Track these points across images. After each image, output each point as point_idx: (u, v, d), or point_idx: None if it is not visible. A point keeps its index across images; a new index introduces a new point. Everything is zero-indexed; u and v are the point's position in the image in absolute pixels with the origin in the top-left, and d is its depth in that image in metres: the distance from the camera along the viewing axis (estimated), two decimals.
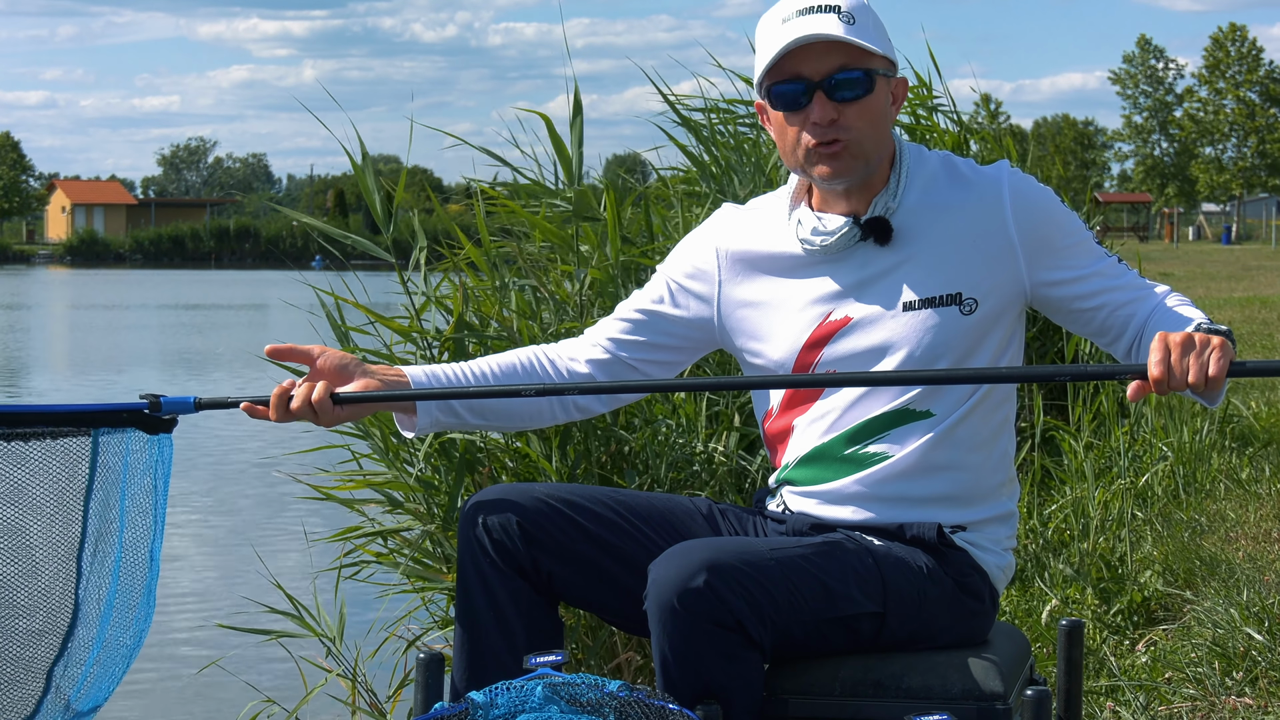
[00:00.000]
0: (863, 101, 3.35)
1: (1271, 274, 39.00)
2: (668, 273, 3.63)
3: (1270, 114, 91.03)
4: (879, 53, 3.35)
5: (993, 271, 3.38)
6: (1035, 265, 3.39)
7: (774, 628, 3.13)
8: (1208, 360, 3.01)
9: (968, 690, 3.20)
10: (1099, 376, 3.19)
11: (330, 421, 3.35)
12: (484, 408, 3.53)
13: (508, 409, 3.55)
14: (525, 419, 3.60)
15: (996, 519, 3.47)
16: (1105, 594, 6.37)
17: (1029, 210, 3.38)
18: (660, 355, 3.62)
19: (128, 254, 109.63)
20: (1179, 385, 3.02)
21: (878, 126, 3.38)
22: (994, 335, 3.41)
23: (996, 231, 3.37)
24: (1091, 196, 10.23)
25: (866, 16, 3.37)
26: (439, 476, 5.89)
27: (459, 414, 3.50)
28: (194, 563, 11.82)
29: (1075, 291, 3.41)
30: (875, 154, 3.39)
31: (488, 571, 3.35)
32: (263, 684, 7.05)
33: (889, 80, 3.41)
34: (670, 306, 3.60)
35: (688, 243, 3.64)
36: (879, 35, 3.37)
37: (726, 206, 3.67)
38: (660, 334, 3.60)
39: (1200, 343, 3.03)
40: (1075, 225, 3.43)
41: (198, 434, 17.95)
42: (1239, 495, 8.16)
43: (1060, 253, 3.40)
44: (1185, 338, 3.03)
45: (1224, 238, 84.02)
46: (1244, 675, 5.29)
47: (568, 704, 2.75)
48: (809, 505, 3.47)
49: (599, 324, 3.66)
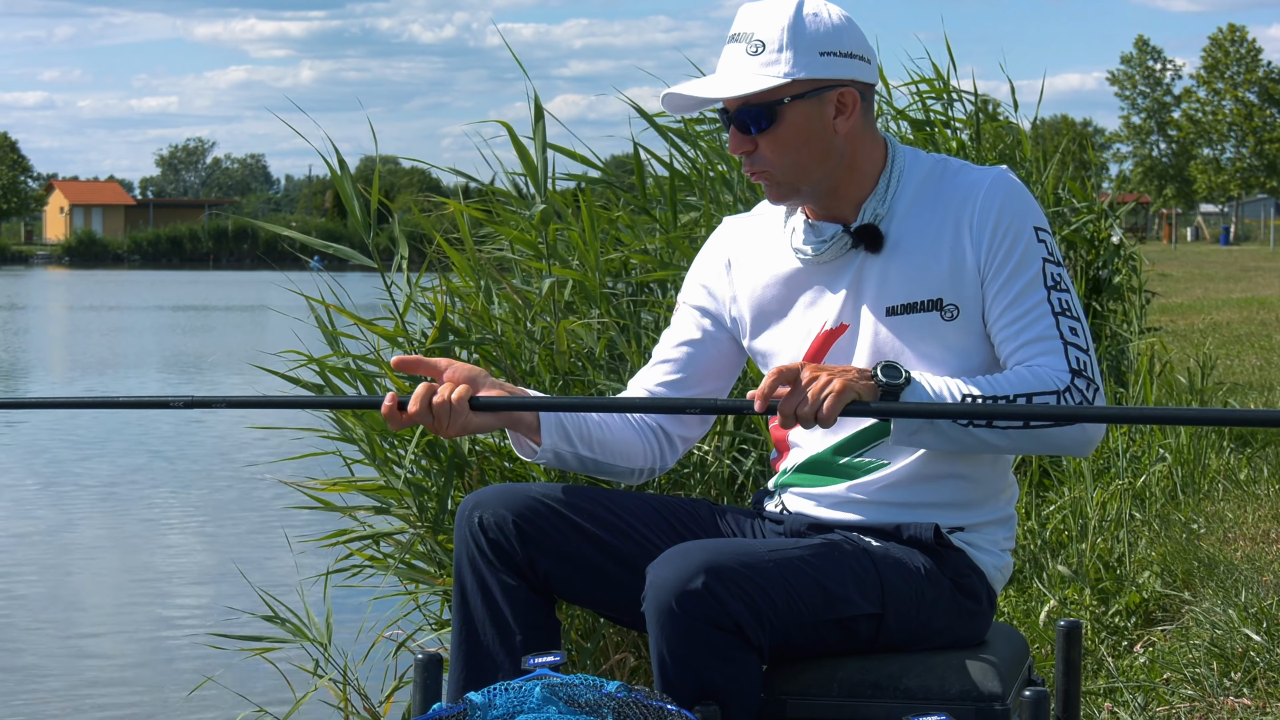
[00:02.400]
0: (769, 133, 3.34)
1: (1269, 275, 38.99)
2: (688, 300, 3.64)
3: (1268, 115, 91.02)
4: (784, 81, 3.30)
5: (969, 279, 3.36)
6: (985, 277, 3.35)
7: (772, 629, 3.13)
8: (821, 403, 3.08)
9: (966, 691, 3.20)
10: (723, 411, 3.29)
11: (461, 428, 3.31)
12: (592, 438, 3.49)
13: (612, 441, 3.52)
14: (624, 455, 3.56)
15: (995, 522, 3.47)
16: (1103, 595, 6.37)
17: (988, 223, 3.34)
18: (709, 384, 3.62)
19: (126, 255, 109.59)
20: (786, 411, 3.10)
21: (799, 151, 3.35)
22: (978, 341, 3.38)
23: (965, 239, 3.35)
24: (1090, 197, 10.21)
25: (783, 40, 3.31)
26: (429, 479, 5.89)
27: (573, 442, 3.46)
28: (184, 572, 11.81)
29: (990, 318, 3.36)
30: (805, 179, 3.37)
31: (484, 571, 3.35)
32: (255, 691, 7.05)
33: (816, 98, 3.34)
34: (699, 335, 3.61)
35: (697, 265, 3.65)
36: (800, 57, 3.31)
37: (728, 220, 3.67)
38: (699, 365, 3.61)
39: (826, 382, 3.09)
40: (1029, 257, 3.33)
41: (185, 442, 17.93)
42: (1237, 496, 8.15)
43: (998, 274, 3.33)
44: (812, 375, 3.11)
45: (1222, 239, 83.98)
46: (1242, 676, 5.29)
47: (566, 705, 2.75)
48: (807, 506, 3.48)
49: (639, 374, 3.66)
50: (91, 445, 18.04)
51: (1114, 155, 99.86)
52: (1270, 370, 13.93)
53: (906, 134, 8.78)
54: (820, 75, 3.33)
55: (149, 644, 9.60)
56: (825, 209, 3.44)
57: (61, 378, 25.96)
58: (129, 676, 8.89)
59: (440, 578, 5.85)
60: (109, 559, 12.31)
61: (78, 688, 8.65)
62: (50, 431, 19.32)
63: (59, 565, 11.98)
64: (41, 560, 12.09)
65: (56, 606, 10.63)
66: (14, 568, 11.76)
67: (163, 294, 62.27)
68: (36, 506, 14.36)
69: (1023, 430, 3.22)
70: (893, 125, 8.72)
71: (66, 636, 9.74)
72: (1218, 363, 13.69)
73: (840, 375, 3.10)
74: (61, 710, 8.28)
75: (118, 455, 17.22)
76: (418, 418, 3.30)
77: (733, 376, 3.69)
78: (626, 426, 3.56)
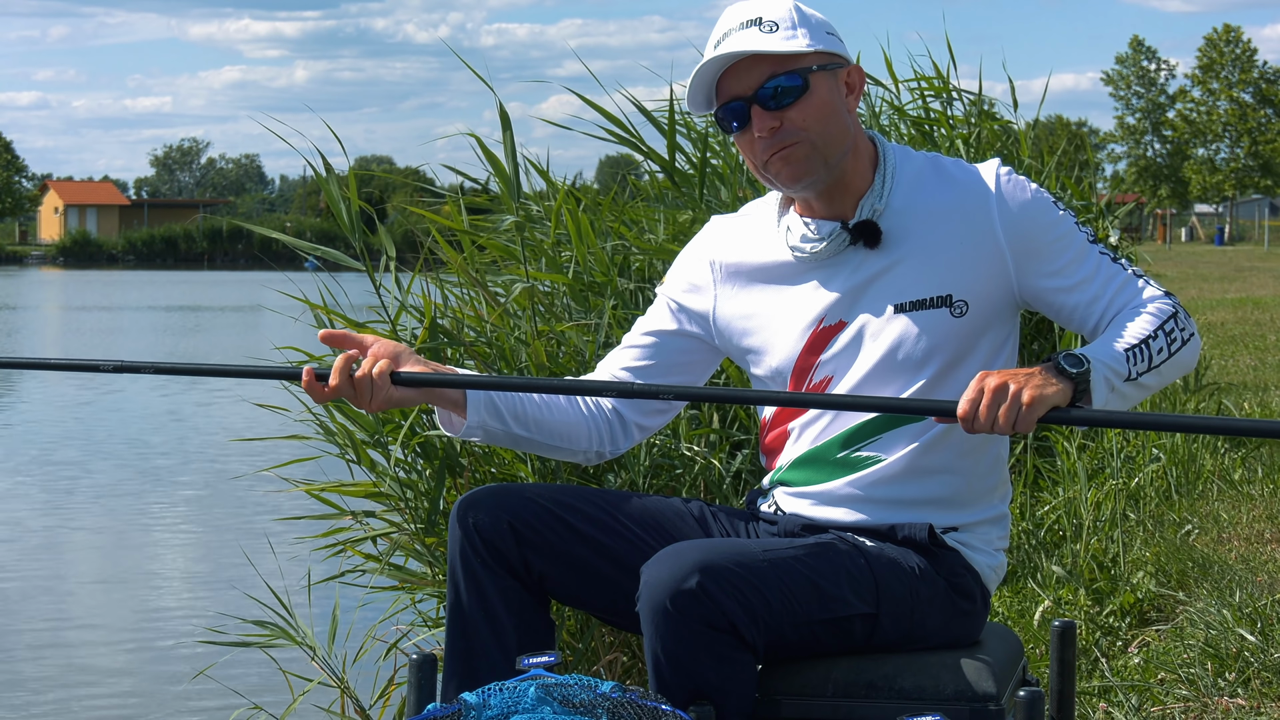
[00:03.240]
0: (801, 102, 3.34)
1: (1264, 275, 39.02)
2: (667, 292, 3.64)
3: (1263, 115, 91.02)
4: (810, 50, 3.34)
5: (982, 274, 3.37)
6: (1024, 269, 3.38)
7: (766, 629, 3.13)
8: (1016, 412, 3.09)
9: (960, 691, 3.20)
10: (906, 410, 3.25)
11: (383, 402, 3.34)
12: (528, 417, 3.50)
13: (551, 422, 3.53)
14: (565, 437, 3.56)
15: (988, 521, 3.48)
16: (1098, 595, 6.37)
17: (1017, 214, 3.37)
18: (675, 377, 3.61)
19: (120, 255, 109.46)
20: (983, 429, 3.10)
21: (827, 121, 3.36)
22: (988, 337, 3.41)
23: (984, 235, 3.37)
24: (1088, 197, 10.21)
25: (793, 18, 3.36)
26: (420, 479, 5.91)
27: (505, 420, 3.48)
28: (176, 574, 11.80)
29: (1063, 298, 3.40)
30: (832, 150, 3.38)
31: (479, 571, 3.35)
32: (250, 691, 7.05)
33: (833, 73, 3.39)
34: (673, 326, 3.61)
35: (682, 259, 3.65)
36: (812, 32, 3.36)
37: (716, 219, 3.67)
38: (669, 355, 3.61)
39: (1014, 391, 3.09)
40: (1065, 228, 3.39)
41: (170, 446, 17.88)
42: (1231, 496, 8.16)
43: (1048, 257, 3.38)
44: (1000, 383, 3.10)
45: (1217, 239, 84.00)
46: (1236, 676, 5.29)
47: (561, 705, 2.76)
48: (801, 506, 3.48)
49: (609, 356, 3.66)
50: (82, 446, 18.02)
51: (1109, 156, 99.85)
52: (1265, 371, 13.94)
53: (909, 133, 8.78)
54: (834, 50, 3.38)
55: (140, 647, 9.59)
56: (827, 203, 3.43)
57: (52, 379, 25.90)
58: (119, 683, 8.88)
59: (433, 579, 5.86)
60: (99, 561, 12.30)
61: (67, 689, 8.64)
62: (42, 430, 19.35)
63: (48, 567, 11.96)
64: (28, 561, 12.07)
65: (45, 609, 10.62)
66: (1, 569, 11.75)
67: (157, 294, 62.18)
68: (25, 505, 14.35)
69: (1170, 360, 3.30)
70: (898, 124, 8.74)
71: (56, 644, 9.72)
72: (1212, 363, 13.71)
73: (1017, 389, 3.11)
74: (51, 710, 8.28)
75: (106, 457, 17.19)
76: (339, 390, 3.34)
77: (702, 376, 3.69)
78: (571, 408, 3.56)
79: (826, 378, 3.42)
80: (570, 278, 6.36)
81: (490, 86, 6.30)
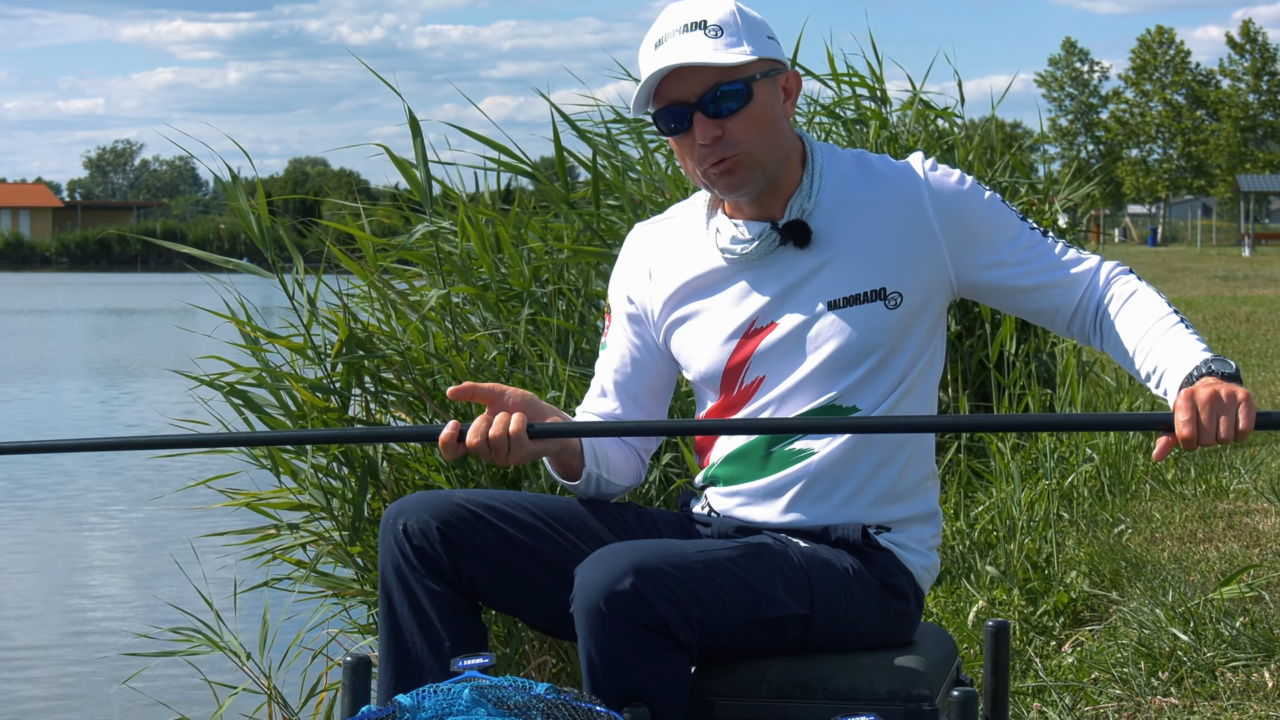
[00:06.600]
0: (744, 112, 3.33)
1: (1197, 276, 39.34)
2: (615, 320, 3.64)
3: (1196, 116, 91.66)
4: (754, 58, 3.32)
5: (916, 264, 3.38)
6: (960, 254, 3.39)
7: (701, 630, 3.12)
8: (1237, 418, 3.06)
9: (894, 691, 3.21)
10: (1121, 427, 3.21)
11: (520, 456, 3.30)
12: (609, 462, 3.53)
13: (619, 465, 3.56)
14: (623, 475, 3.60)
15: (920, 517, 3.48)
16: (1032, 595, 6.40)
17: (948, 199, 3.39)
18: (654, 403, 3.64)
19: (54, 257, 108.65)
20: (1208, 442, 3.07)
21: (766, 132, 3.36)
22: (920, 326, 3.41)
23: (917, 224, 3.38)
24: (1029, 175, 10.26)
25: (737, 23, 3.34)
26: (345, 487, 5.90)
27: (600, 466, 3.52)
28: (102, 587, 11.70)
29: (1004, 275, 3.41)
30: (771, 159, 3.37)
31: (409, 577, 3.33)
32: (178, 702, 7.01)
33: (774, 79, 3.38)
34: (632, 353, 3.62)
35: (615, 280, 3.65)
36: (754, 38, 3.34)
37: (639, 227, 3.66)
38: (643, 383, 3.62)
39: (1227, 398, 3.06)
40: (996, 209, 3.42)
41: (93, 458, 17.57)
42: (1164, 496, 8.21)
43: (984, 238, 3.40)
44: (1212, 394, 3.06)
45: (1150, 240, 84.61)
46: (1169, 675, 5.32)
47: (495, 706, 2.75)
48: (733, 505, 3.47)
49: (585, 401, 3.67)
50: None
51: (1042, 157, 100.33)
52: None
53: (838, 134, 8.80)
54: (775, 55, 3.37)
55: (66, 660, 9.50)
56: (758, 205, 3.43)
57: None
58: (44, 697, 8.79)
59: (361, 587, 5.85)
60: (24, 573, 12.17)
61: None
62: None
63: None
64: None
65: None
66: None
67: (91, 297, 61.79)
68: None
69: None
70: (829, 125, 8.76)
71: None
72: None
73: (1228, 396, 3.07)
74: None
75: (28, 466, 16.95)
76: (477, 449, 3.30)
77: (669, 391, 3.70)
78: (621, 447, 3.59)
79: (759, 378, 3.42)
80: (479, 288, 6.37)
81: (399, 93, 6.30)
